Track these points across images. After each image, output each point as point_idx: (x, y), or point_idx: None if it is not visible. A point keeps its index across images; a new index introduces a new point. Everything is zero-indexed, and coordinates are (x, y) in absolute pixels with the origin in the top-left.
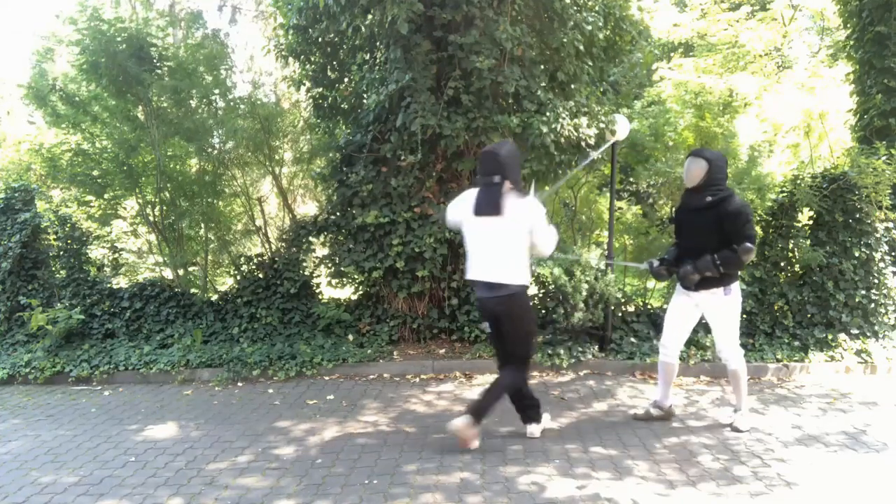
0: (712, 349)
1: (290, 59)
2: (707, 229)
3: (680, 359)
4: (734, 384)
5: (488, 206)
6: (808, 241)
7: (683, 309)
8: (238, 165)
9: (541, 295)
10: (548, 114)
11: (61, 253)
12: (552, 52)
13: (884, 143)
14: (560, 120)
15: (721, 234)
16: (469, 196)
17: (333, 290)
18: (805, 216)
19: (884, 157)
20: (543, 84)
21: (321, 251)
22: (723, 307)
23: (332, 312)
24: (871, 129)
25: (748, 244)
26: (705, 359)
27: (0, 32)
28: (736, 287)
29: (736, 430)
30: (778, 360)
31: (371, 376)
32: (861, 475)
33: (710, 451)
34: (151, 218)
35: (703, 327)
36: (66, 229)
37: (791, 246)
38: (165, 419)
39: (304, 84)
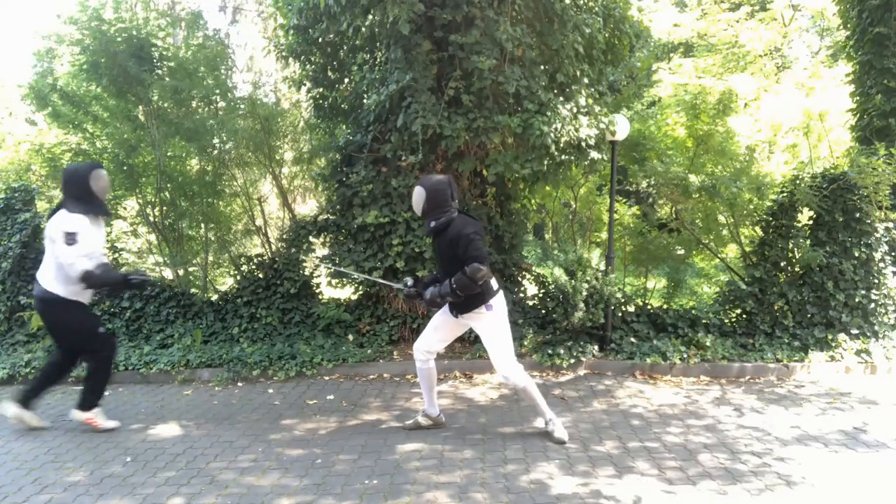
0: (712, 350)
1: (291, 60)
2: (445, 254)
3: (679, 359)
4: (527, 400)
5: None
6: (808, 241)
7: (445, 322)
8: (238, 165)
9: (541, 295)
10: (548, 114)
11: None
12: (552, 53)
13: (883, 143)
14: (560, 120)
15: (458, 258)
16: None
17: (333, 290)
18: (805, 216)
19: (883, 157)
20: (544, 84)
21: (321, 251)
22: (488, 324)
23: (332, 312)
24: (870, 129)
25: (475, 265)
26: (705, 359)
27: (0, 32)
28: (497, 301)
29: (560, 441)
30: (778, 360)
31: (371, 376)
32: (860, 474)
33: (709, 450)
34: (151, 218)
35: (703, 327)
36: None
37: (791, 246)
38: (165, 419)
39: (305, 84)
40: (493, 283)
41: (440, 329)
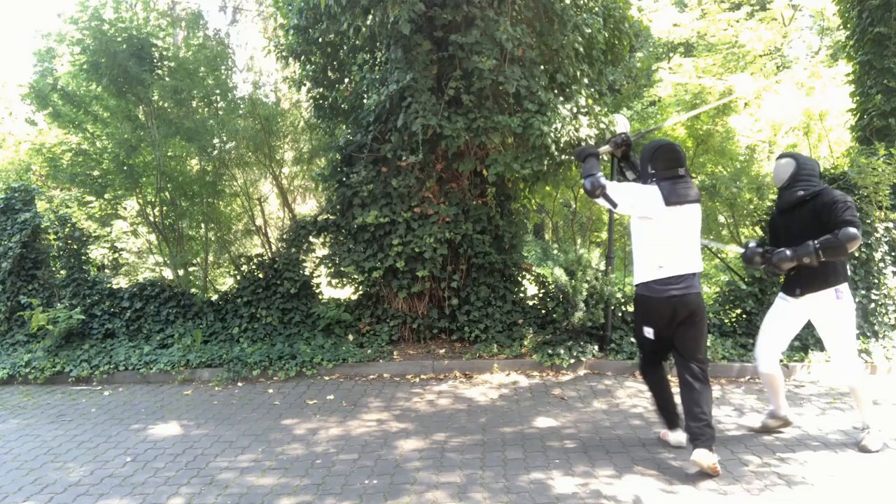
0: (712, 350)
1: (291, 60)
2: (802, 226)
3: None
4: (855, 400)
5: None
6: None
7: (783, 314)
8: (238, 165)
9: (541, 295)
10: (548, 114)
11: (61, 253)
12: (552, 52)
13: (883, 143)
14: (560, 120)
15: (819, 231)
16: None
17: (333, 290)
18: None
19: (883, 157)
20: (544, 84)
21: (321, 251)
22: (832, 313)
23: (332, 312)
24: (870, 129)
25: (851, 229)
26: None
27: (0, 32)
28: (846, 289)
29: (865, 450)
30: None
31: (371, 376)
32: (861, 474)
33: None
34: (152, 218)
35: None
36: (67, 229)
37: None
38: (165, 419)
39: (305, 84)
40: (847, 269)
41: (778, 322)
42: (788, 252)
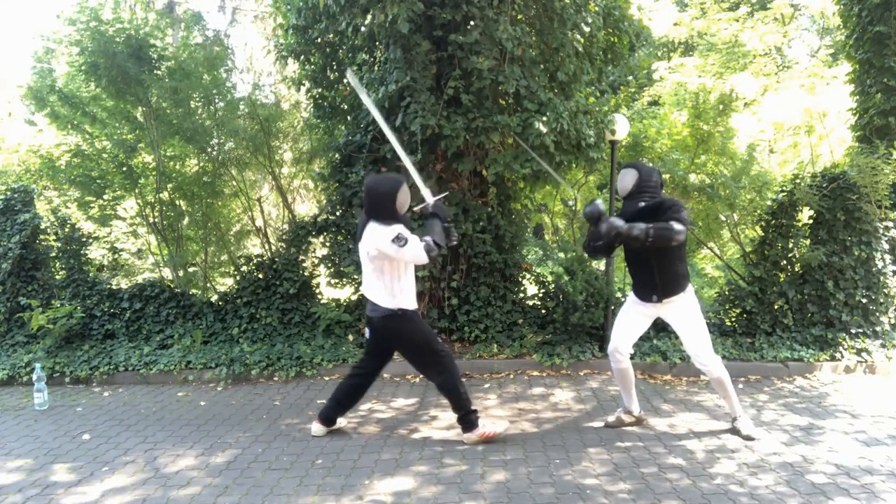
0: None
1: (290, 60)
2: None
3: (679, 359)
4: (721, 393)
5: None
6: (809, 241)
7: (634, 315)
8: (238, 166)
9: (541, 295)
10: (548, 114)
11: (61, 254)
12: (552, 51)
13: (883, 141)
14: (560, 120)
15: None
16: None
17: (333, 291)
18: (805, 215)
19: (882, 156)
20: (544, 84)
21: (321, 251)
22: (687, 311)
23: (332, 314)
24: (870, 127)
25: (679, 225)
26: None
27: (0, 32)
28: (689, 290)
29: (749, 438)
30: (778, 360)
31: None
32: (860, 474)
33: (710, 451)
34: (151, 219)
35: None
36: (66, 230)
37: (791, 245)
38: (165, 420)
39: (304, 84)
40: (687, 272)
41: (629, 325)
42: (620, 223)
